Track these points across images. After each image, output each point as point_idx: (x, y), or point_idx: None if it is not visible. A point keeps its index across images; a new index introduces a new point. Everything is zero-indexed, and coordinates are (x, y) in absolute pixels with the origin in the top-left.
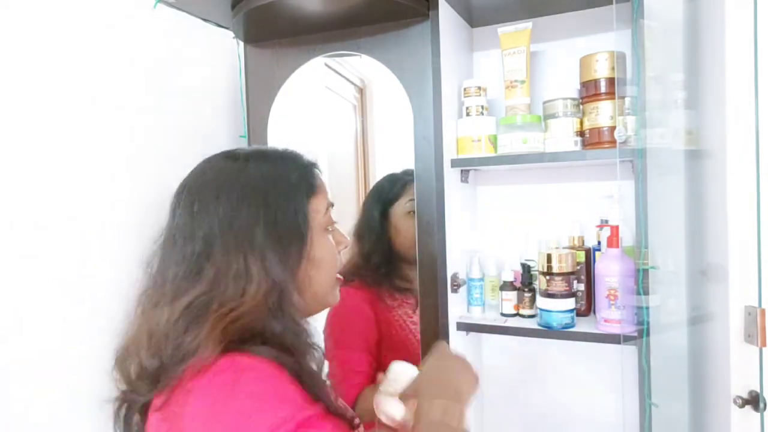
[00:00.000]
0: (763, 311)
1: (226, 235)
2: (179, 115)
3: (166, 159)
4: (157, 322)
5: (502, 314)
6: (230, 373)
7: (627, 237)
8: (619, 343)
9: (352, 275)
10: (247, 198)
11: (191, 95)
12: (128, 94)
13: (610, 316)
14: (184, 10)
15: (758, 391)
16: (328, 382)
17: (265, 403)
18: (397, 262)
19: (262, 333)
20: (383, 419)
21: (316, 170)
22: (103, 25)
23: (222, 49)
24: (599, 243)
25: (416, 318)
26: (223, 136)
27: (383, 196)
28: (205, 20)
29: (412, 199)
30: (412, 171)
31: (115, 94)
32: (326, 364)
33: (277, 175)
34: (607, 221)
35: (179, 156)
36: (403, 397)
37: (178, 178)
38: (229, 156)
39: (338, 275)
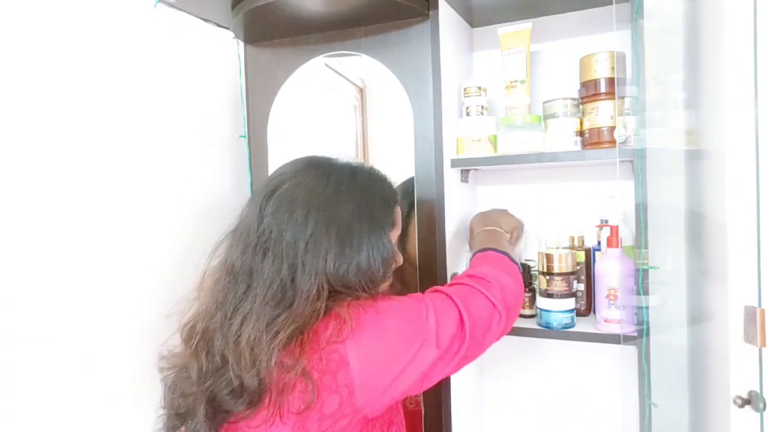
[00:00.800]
0: (763, 311)
1: (311, 261)
2: (179, 115)
3: (166, 159)
4: (255, 337)
5: None
6: (363, 307)
7: (627, 237)
8: (619, 343)
9: None
10: (334, 228)
11: (191, 95)
12: (128, 94)
13: (610, 316)
14: (184, 10)
15: (758, 391)
16: None
17: (408, 302)
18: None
19: None
20: None
21: (397, 197)
22: (103, 25)
23: (222, 49)
24: (599, 243)
25: None
26: (223, 136)
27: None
28: (205, 20)
29: None
30: None
31: (115, 94)
32: None
33: (366, 209)
34: (607, 221)
35: (179, 156)
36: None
37: (178, 178)
38: (321, 170)
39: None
